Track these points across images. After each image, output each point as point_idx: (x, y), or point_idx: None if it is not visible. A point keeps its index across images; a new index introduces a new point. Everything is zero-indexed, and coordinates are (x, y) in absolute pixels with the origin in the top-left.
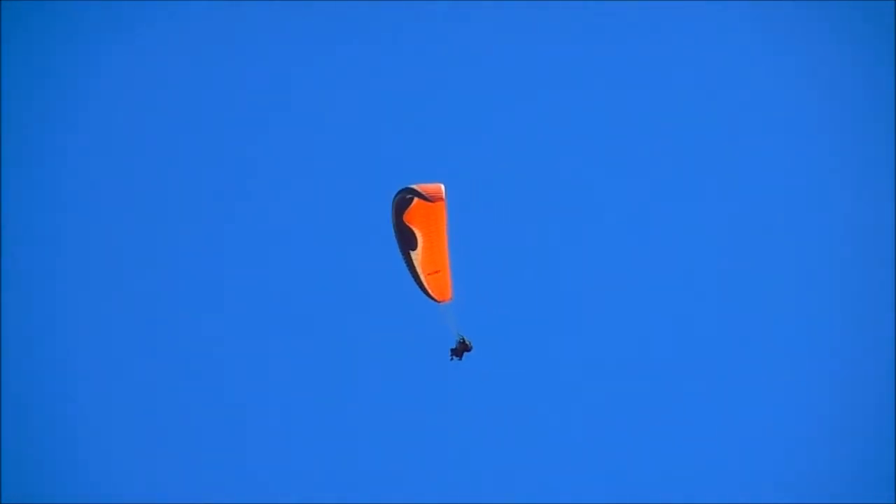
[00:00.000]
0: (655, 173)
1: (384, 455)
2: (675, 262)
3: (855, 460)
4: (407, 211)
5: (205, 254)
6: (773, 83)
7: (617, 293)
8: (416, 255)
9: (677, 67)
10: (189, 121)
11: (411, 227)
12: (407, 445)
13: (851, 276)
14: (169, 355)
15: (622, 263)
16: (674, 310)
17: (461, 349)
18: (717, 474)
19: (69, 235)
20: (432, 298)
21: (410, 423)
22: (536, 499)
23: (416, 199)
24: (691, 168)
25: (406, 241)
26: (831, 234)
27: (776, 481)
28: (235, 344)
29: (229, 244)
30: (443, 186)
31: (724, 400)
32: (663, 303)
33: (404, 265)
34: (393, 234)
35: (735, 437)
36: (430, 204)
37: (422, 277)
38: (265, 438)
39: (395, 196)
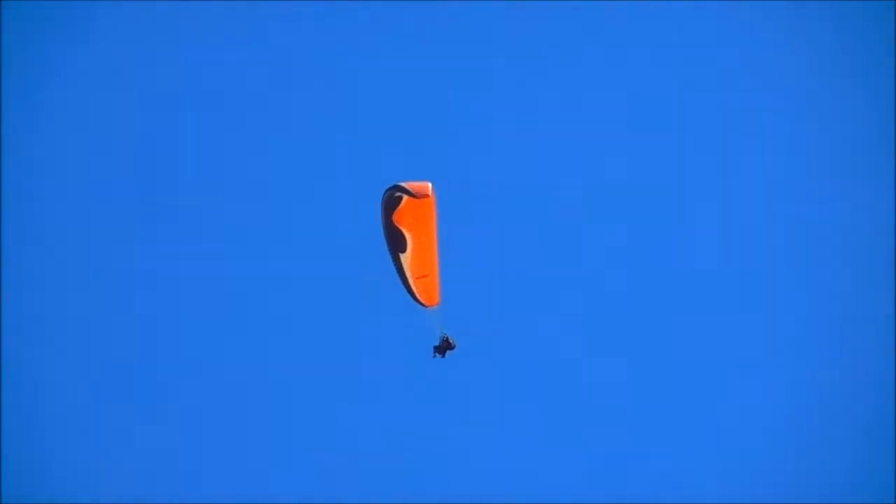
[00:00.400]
0: (653, 174)
1: (375, 453)
2: (673, 263)
3: (855, 460)
4: (396, 211)
5: (201, 253)
6: (773, 83)
7: (616, 293)
8: (406, 258)
9: (676, 67)
10: (186, 120)
11: (401, 228)
12: (397, 443)
13: (852, 275)
14: (169, 355)
15: (622, 264)
16: (673, 310)
17: (444, 347)
18: (716, 474)
19: (69, 235)
20: (420, 303)
21: (399, 420)
22: (534, 499)
23: (405, 199)
24: (688, 167)
25: (395, 243)
26: (831, 234)
27: (775, 481)
28: (234, 344)
29: (225, 244)
30: (430, 184)
31: (723, 400)
32: (663, 303)
33: (392, 266)
34: (383, 234)
35: (735, 437)
36: (418, 203)
37: (410, 282)
38: (263, 438)
39: (384, 195)
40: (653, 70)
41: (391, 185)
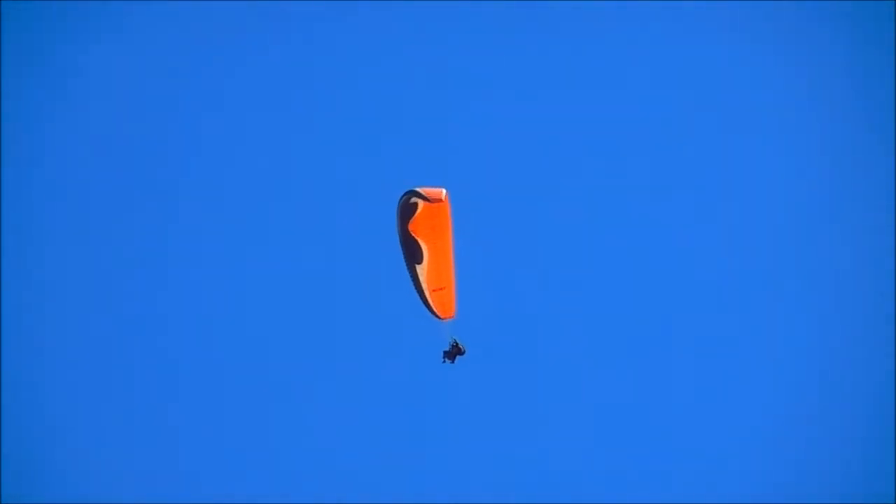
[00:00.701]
0: (653, 176)
1: (380, 456)
2: (675, 265)
3: (855, 460)
4: (412, 220)
5: (201, 254)
6: (772, 84)
7: (619, 294)
8: (422, 270)
9: (677, 68)
10: (186, 120)
11: (417, 238)
12: (402, 446)
13: (852, 276)
14: (170, 355)
15: (623, 265)
16: (674, 311)
17: (454, 352)
18: (716, 474)
19: (68, 236)
20: (436, 315)
21: (405, 424)
22: (536, 499)
23: (420, 208)
24: (690, 169)
25: (412, 254)
26: (831, 234)
27: (776, 481)
28: (234, 345)
29: (225, 244)
30: (444, 190)
31: (724, 401)
32: (664, 305)
33: (404, 272)
34: (399, 244)
35: (735, 437)
36: (434, 211)
37: (427, 294)
38: (263, 439)
39: (399, 201)
40: (654, 71)
41: (406, 191)
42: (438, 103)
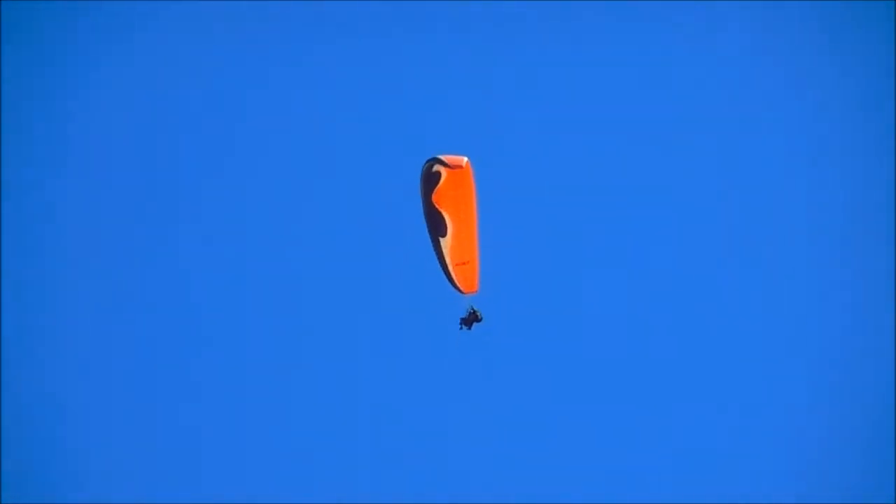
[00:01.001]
0: (654, 176)
1: (380, 456)
2: (678, 263)
3: (855, 460)
4: (435, 192)
5: (200, 253)
6: (772, 84)
7: (619, 294)
8: (445, 243)
9: (679, 69)
10: (187, 121)
11: (441, 210)
12: (402, 446)
13: (851, 276)
14: (169, 355)
15: (623, 265)
16: (675, 310)
17: (471, 319)
18: (717, 475)
19: (67, 236)
20: (458, 290)
21: (405, 424)
22: (537, 499)
23: (443, 178)
24: (692, 169)
25: (435, 226)
26: (830, 235)
27: (776, 481)
28: (237, 343)
29: (224, 244)
30: (466, 158)
31: (724, 400)
32: (667, 303)
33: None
34: (423, 216)
35: (735, 437)
36: (457, 181)
37: (450, 268)
38: (263, 438)
39: (422, 170)
40: (657, 73)
41: (428, 159)
42: (457, 95)
